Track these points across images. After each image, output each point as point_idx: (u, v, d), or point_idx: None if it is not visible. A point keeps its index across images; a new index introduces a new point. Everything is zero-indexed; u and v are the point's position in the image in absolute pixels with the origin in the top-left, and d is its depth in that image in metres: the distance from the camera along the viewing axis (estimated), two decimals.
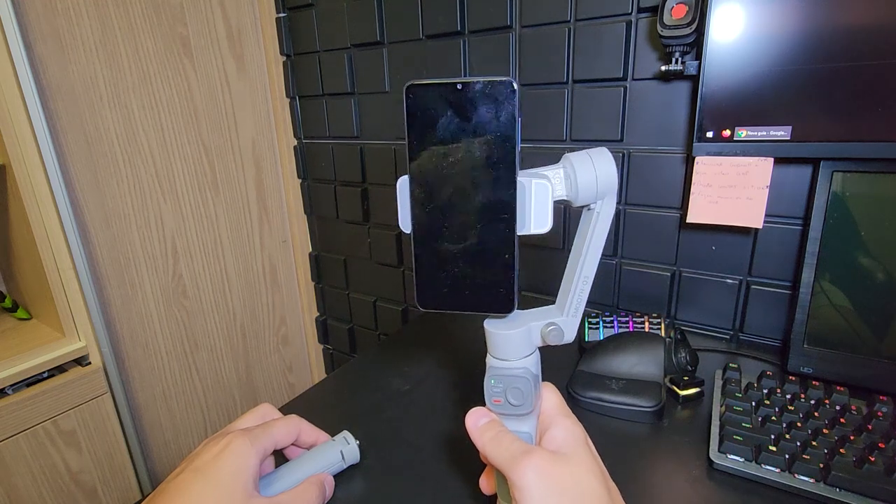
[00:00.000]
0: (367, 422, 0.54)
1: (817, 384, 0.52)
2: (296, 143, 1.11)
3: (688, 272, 0.71)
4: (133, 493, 0.93)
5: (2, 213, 0.85)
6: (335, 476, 0.45)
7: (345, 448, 0.45)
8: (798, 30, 0.50)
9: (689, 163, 0.66)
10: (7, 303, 0.92)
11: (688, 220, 0.63)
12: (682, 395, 0.54)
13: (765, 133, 0.54)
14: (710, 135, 0.57)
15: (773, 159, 0.57)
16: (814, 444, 0.44)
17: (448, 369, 0.64)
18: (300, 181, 1.14)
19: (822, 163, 0.53)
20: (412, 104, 0.28)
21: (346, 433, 0.47)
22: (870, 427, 0.45)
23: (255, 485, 0.36)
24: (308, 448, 0.45)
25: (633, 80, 0.68)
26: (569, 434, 0.31)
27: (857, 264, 0.52)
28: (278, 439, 0.41)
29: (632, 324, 0.63)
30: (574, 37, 0.70)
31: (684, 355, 0.58)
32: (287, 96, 1.08)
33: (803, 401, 0.49)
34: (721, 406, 0.51)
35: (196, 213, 1.01)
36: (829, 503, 0.40)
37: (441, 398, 0.58)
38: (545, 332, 0.31)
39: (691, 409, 0.53)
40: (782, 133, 0.53)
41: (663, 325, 0.62)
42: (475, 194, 0.28)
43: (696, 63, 0.57)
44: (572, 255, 0.33)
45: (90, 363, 0.86)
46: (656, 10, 0.58)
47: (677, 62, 0.58)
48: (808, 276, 0.55)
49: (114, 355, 0.89)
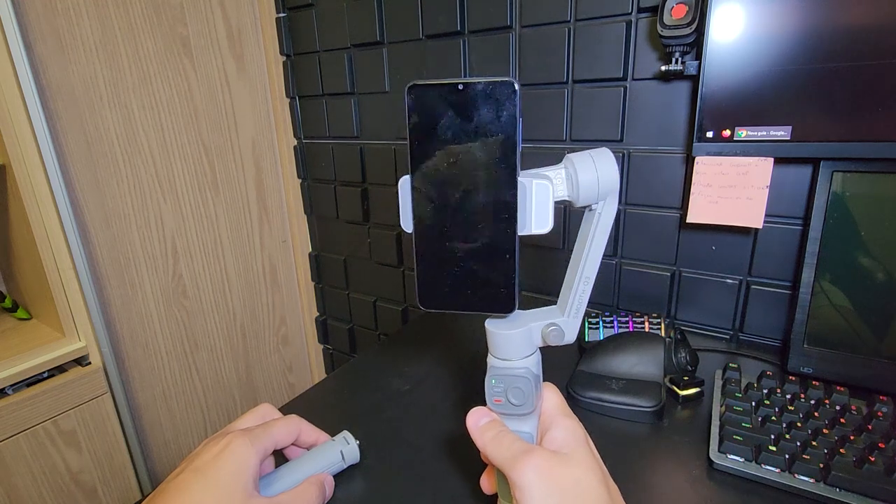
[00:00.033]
0: (367, 422, 0.54)
1: (817, 384, 0.52)
2: (296, 143, 1.11)
3: (688, 272, 0.71)
4: (133, 493, 0.93)
5: (2, 213, 0.85)
6: (335, 476, 0.45)
7: (345, 448, 0.45)
8: (798, 30, 0.50)
9: (689, 163, 0.66)
10: (7, 303, 0.92)
11: (688, 220, 0.63)
12: (682, 395, 0.54)
13: (765, 133, 0.54)
14: (710, 135, 0.57)
15: (773, 159, 0.57)
16: (814, 444, 0.44)
17: (448, 369, 0.64)
18: (300, 181, 1.14)
19: (822, 163, 0.53)
20: (414, 104, 0.28)
21: (346, 433, 0.47)
22: (870, 427, 0.45)
23: (255, 485, 0.36)
24: (308, 448, 0.45)
25: (633, 80, 0.68)
26: (569, 434, 0.31)
27: (857, 264, 0.52)
28: (278, 439, 0.41)
29: (632, 324, 0.63)
30: (574, 37, 0.70)
31: (684, 355, 0.58)
32: (287, 96, 1.08)
33: (803, 401, 0.49)
34: (721, 406, 0.51)
35: (196, 213, 1.01)
36: (829, 503, 0.40)
37: (441, 398, 0.58)
38: (546, 332, 0.31)
39: (691, 409, 0.53)
40: (782, 133, 0.53)
41: (663, 325, 0.62)
42: (476, 194, 0.28)
43: (696, 63, 0.57)
44: (574, 256, 0.33)
45: (90, 363, 0.86)
46: (656, 10, 0.58)
47: (677, 62, 0.59)
48: (808, 276, 0.55)
49: (114, 355, 0.89)
